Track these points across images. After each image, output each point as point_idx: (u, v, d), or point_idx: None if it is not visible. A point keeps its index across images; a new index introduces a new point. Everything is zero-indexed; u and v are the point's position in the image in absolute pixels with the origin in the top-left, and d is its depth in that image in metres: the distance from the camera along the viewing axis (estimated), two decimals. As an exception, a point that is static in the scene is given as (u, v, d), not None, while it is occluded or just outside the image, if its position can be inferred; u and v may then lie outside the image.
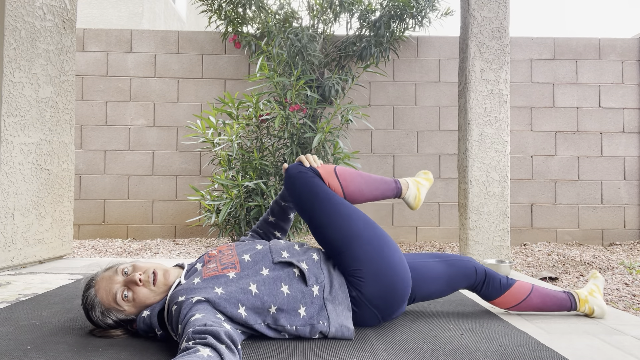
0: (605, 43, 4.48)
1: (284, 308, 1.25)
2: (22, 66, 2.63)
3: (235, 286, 1.23)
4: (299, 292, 1.28)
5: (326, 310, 1.29)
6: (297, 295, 1.27)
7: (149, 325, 1.26)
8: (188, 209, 4.40)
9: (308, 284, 1.30)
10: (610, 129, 4.45)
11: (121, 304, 1.27)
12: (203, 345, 0.99)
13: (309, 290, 1.29)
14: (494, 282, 1.56)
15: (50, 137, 2.86)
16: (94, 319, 1.28)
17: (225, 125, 3.40)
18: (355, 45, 4.03)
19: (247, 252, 1.35)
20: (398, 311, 1.43)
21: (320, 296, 1.30)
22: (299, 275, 1.31)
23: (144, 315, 1.26)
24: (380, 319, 1.41)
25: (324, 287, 1.32)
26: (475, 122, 2.90)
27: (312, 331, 1.28)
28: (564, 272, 3.00)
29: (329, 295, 1.31)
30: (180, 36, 4.44)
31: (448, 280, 1.52)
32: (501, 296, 1.56)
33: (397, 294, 1.37)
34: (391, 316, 1.42)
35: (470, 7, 2.93)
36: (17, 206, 2.59)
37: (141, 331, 1.28)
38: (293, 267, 1.32)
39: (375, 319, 1.40)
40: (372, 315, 1.39)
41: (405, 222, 4.43)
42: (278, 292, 1.26)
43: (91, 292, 1.29)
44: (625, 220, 4.43)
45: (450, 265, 1.54)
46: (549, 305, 1.59)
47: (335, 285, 1.34)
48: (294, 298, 1.27)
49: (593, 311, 1.62)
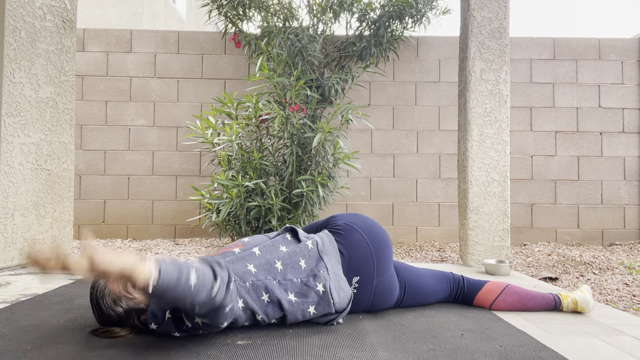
0: (605, 43, 4.48)
1: (287, 262, 1.44)
2: (22, 66, 2.63)
3: (241, 255, 1.42)
4: (296, 247, 1.49)
5: (323, 261, 1.48)
6: (295, 249, 1.48)
7: (163, 309, 1.28)
8: (188, 209, 4.40)
9: (301, 240, 1.51)
10: (610, 129, 4.45)
11: (131, 291, 1.27)
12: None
13: (303, 244, 1.50)
14: (470, 280, 1.78)
15: (50, 137, 2.86)
16: (105, 308, 1.29)
17: (224, 126, 3.39)
18: (355, 45, 4.03)
19: (246, 238, 1.57)
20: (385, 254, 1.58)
21: (314, 249, 1.50)
22: (292, 237, 1.54)
23: None
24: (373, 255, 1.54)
25: (317, 242, 1.52)
26: (475, 122, 2.90)
27: (316, 279, 1.43)
28: (564, 272, 3.00)
29: (323, 247, 1.51)
30: (180, 36, 4.44)
31: (431, 273, 1.75)
32: (478, 293, 1.73)
33: (378, 232, 1.59)
34: (381, 260, 1.55)
35: (470, 7, 2.93)
36: (17, 206, 2.59)
37: (152, 319, 1.27)
38: (286, 234, 1.56)
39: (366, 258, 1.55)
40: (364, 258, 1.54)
41: (405, 222, 4.43)
42: (278, 250, 1.47)
43: (101, 282, 1.31)
44: (625, 220, 4.43)
45: (429, 270, 1.78)
46: (529, 300, 1.69)
47: (325, 241, 1.54)
48: (293, 253, 1.47)
49: (576, 302, 1.67)
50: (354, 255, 1.53)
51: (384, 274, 1.56)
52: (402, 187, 4.43)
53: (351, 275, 1.53)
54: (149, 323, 1.29)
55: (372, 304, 1.58)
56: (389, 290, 1.59)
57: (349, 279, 1.53)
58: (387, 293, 1.58)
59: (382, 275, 1.55)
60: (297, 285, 1.42)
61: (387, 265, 1.57)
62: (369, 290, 1.55)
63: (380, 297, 1.57)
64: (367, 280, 1.54)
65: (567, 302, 1.68)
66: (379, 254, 1.55)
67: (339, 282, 1.47)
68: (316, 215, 3.42)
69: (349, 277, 1.53)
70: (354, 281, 1.53)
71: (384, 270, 1.56)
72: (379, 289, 1.56)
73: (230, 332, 1.37)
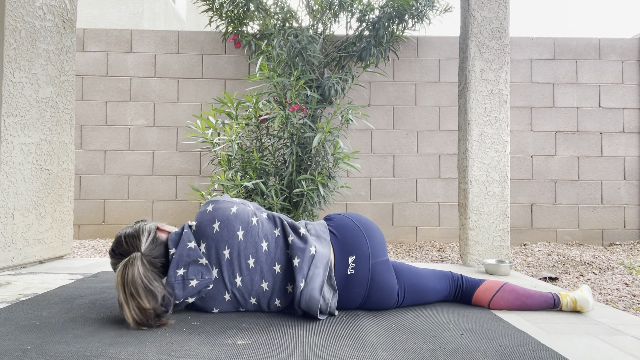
0: (605, 43, 4.48)
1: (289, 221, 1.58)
2: (22, 66, 2.63)
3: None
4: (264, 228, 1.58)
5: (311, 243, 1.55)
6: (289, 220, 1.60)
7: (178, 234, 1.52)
8: (188, 209, 4.40)
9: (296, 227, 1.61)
10: (610, 129, 4.45)
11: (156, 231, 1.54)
12: None
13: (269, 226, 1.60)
14: (468, 278, 1.78)
15: (50, 137, 2.86)
16: (143, 237, 1.48)
17: (224, 126, 3.39)
18: (355, 45, 4.03)
19: None
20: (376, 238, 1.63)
21: (305, 235, 1.56)
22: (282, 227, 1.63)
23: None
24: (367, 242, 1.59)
25: (307, 226, 1.62)
26: (475, 122, 2.90)
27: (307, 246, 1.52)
28: (564, 272, 3.00)
29: (314, 231, 1.60)
30: (180, 36, 4.44)
31: (431, 272, 1.75)
32: (476, 291, 1.73)
33: (368, 222, 1.65)
34: (374, 242, 1.60)
35: (470, 7, 2.93)
36: (17, 206, 2.59)
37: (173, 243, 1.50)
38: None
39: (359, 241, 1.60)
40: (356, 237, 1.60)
41: (405, 222, 4.43)
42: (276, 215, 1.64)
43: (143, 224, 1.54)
44: (625, 220, 4.43)
45: (429, 269, 1.79)
46: (527, 297, 1.70)
47: (312, 225, 1.64)
48: (292, 221, 1.60)
49: (576, 301, 1.67)
50: (347, 235, 1.59)
51: (379, 257, 1.59)
52: (402, 187, 4.43)
53: (346, 255, 1.56)
54: (170, 248, 1.50)
55: (371, 292, 1.58)
56: (387, 280, 1.59)
57: (344, 259, 1.56)
58: (386, 283, 1.58)
59: (377, 257, 1.59)
60: (295, 242, 1.53)
61: (381, 250, 1.61)
62: (366, 271, 1.56)
63: (379, 286, 1.58)
64: (363, 259, 1.56)
65: (566, 300, 1.68)
66: (370, 236, 1.61)
67: (322, 254, 1.54)
68: (316, 215, 3.42)
69: (345, 257, 1.56)
70: (351, 261, 1.56)
71: (378, 252, 1.59)
72: (377, 273, 1.57)
73: (230, 331, 1.38)
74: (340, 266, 1.55)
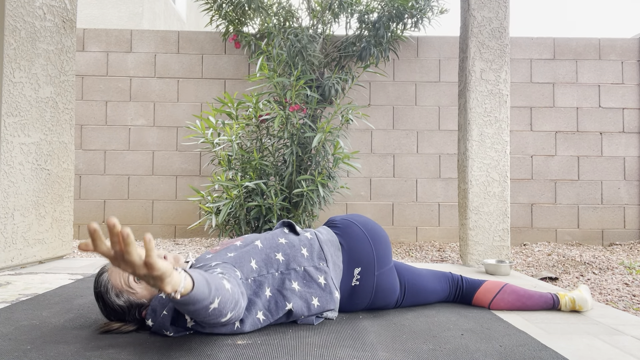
0: (605, 43, 4.48)
1: (288, 252, 1.46)
2: (22, 66, 2.63)
3: (245, 250, 1.43)
4: (295, 239, 1.51)
5: (323, 251, 1.51)
6: (294, 240, 1.50)
7: (163, 304, 1.28)
8: (188, 209, 4.40)
9: (299, 233, 1.55)
10: (610, 129, 4.45)
11: (133, 287, 1.31)
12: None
13: (303, 236, 1.53)
14: (468, 279, 1.78)
15: (50, 137, 2.86)
16: (109, 301, 1.29)
17: (224, 126, 3.39)
18: (355, 45, 4.03)
19: (246, 235, 1.61)
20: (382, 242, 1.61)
21: (314, 239, 1.53)
22: (290, 231, 1.57)
23: (161, 295, 1.29)
24: (371, 245, 1.58)
25: (315, 233, 1.56)
26: (475, 122, 2.90)
27: (318, 271, 1.46)
28: (564, 272, 3.00)
29: (322, 237, 1.55)
30: (180, 36, 4.44)
31: (431, 273, 1.75)
32: (477, 292, 1.74)
33: (375, 227, 1.64)
34: (380, 252, 1.58)
35: (470, 7, 2.92)
36: (17, 206, 2.59)
37: (150, 315, 1.29)
38: (283, 227, 1.59)
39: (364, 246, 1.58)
40: (363, 248, 1.57)
41: (405, 222, 4.43)
42: (278, 243, 1.48)
43: (104, 277, 1.32)
44: (625, 220, 4.43)
45: (429, 270, 1.79)
46: (527, 298, 1.70)
47: (324, 232, 1.59)
48: (292, 243, 1.49)
49: (574, 300, 1.68)
50: (353, 245, 1.56)
51: (384, 266, 1.58)
52: (402, 187, 4.43)
53: (352, 267, 1.55)
54: (147, 319, 1.30)
55: (375, 299, 1.59)
56: (391, 286, 1.60)
57: (350, 271, 1.55)
58: (389, 289, 1.59)
59: (383, 267, 1.57)
60: (301, 274, 1.44)
61: (386, 258, 1.60)
62: (371, 283, 1.56)
63: (382, 293, 1.58)
64: (369, 271, 1.55)
65: (565, 300, 1.69)
66: (377, 246, 1.59)
67: (337, 274, 1.52)
68: (316, 215, 3.42)
69: (351, 269, 1.55)
70: (356, 272, 1.55)
71: (383, 262, 1.58)
72: (381, 282, 1.57)
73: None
74: (345, 277, 1.55)
